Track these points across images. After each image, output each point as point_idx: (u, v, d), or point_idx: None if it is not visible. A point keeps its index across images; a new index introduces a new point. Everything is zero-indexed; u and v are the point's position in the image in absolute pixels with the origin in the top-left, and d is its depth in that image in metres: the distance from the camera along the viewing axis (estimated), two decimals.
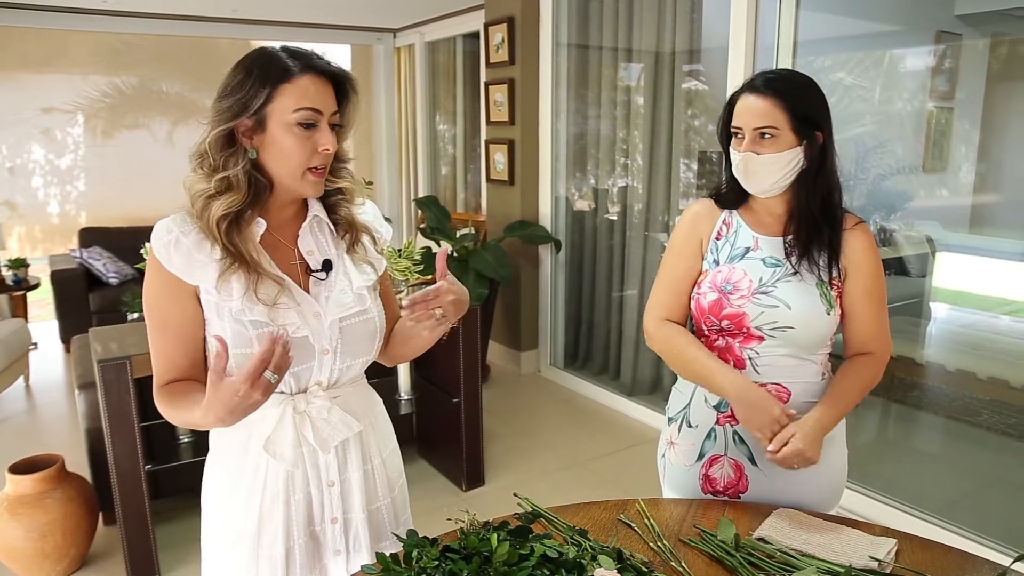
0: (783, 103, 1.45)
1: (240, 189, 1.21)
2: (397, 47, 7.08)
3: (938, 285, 3.54)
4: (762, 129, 1.45)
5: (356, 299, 1.32)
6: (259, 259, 1.24)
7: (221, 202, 1.20)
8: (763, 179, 1.49)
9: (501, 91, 4.73)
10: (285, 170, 1.22)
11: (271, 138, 1.20)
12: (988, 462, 3.31)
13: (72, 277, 5.37)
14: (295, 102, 1.18)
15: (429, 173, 6.99)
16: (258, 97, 1.18)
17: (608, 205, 4.55)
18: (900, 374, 3.42)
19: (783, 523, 1.42)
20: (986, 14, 3.34)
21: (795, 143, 1.46)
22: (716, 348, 1.56)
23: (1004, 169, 3.39)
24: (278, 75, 1.18)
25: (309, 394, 1.31)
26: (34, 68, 6.08)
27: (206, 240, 1.22)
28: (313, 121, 1.20)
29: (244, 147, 1.21)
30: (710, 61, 3.87)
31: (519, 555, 1.14)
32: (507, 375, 4.92)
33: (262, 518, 1.31)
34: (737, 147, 1.50)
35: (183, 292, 1.23)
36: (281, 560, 1.32)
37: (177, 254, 1.21)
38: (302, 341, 1.26)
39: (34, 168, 6.18)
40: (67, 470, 2.71)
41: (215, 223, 1.20)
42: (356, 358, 1.34)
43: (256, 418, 1.27)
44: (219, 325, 1.24)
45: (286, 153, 1.20)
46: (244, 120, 1.19)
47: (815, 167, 1.49)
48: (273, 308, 1.23)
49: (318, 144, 1.21)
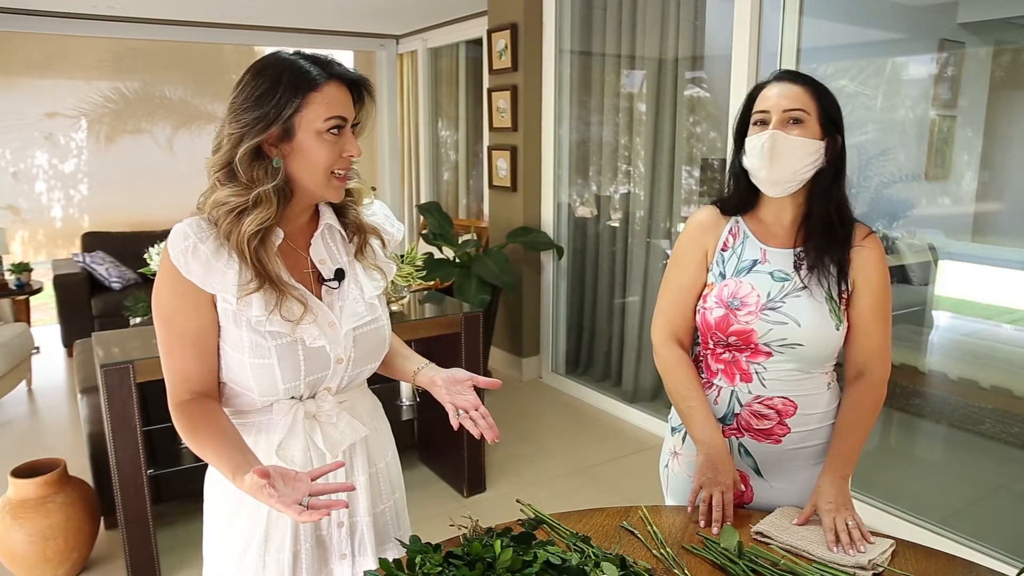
0: (815, 93, 1.44)
1: (271, 203, 1.19)
2: (400, 53, 7.10)
3: (940, 293, 3.53)
4: (793, 112, 1.43)
5: (368, 308, 1.33)
6: (285, 280, 1.23)
7: (253, 218, 1.18)
8: (787, 163, 1.44)
9: (504, 97, 4.74)
10: (312, 177, 1.22)
11: (299, 146, 1.19)
12: (991, 471, 3.30)
13: (75, 282, 5.38)
14: (326, 111, 1.18)
15: (431, 179, 7.00)
16: (288, 107, 1.16)
17: (610, 212, 4.55)
18: (902, 382, 3.41)
19: (783, 520, 1.43)
20: (989, 23, 3.34)
21: (820, 136, 1.44)
22: (723, 361, 1.56)
23: (1007, 177, 3.39)
24: (307, 85, 1.17)
25: (318, 399, 1.31)
26: (38, 73, 6.10)
27: (224, 247, 1.20)
28: (341, 127, 1.21)
29: (270, 156, 1.20)
30: (713, 68, 3.88)
31: (522, 561, 1.14)
32: (509, 381, 4.92)
33: (270, 523, 1.31)
34: (761, 131, 1.45)
35: (200, 300, 1.21)
36: (288, 565, 1.32)
37: (195, 261, 1.19)
38: (319, 351, 1.26)
39: (37, 173, 6.20)
40: (69, 474, 2.71)
41: (246, 241, 1.18)
42: (366, 364, 1.36)
43: (265, 422, 1.27)
44: (236, 334, 1.23)
45: (315, 160, 1.20)
46: (273, 131, 1.18)
47: (831, 171, 1.47)
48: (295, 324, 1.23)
49: (344, 150, 1.22)
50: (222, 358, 1.26)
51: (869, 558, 1.29)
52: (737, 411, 1.55)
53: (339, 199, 1.28)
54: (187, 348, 1.23)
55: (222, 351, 1.26)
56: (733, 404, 1.55)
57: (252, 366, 1.22)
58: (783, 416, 1.52)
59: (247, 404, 1.29)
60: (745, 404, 1.54)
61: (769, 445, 1.54)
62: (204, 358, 1.24)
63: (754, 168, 1.48)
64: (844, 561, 1.29)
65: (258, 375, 1.24)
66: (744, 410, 1.54)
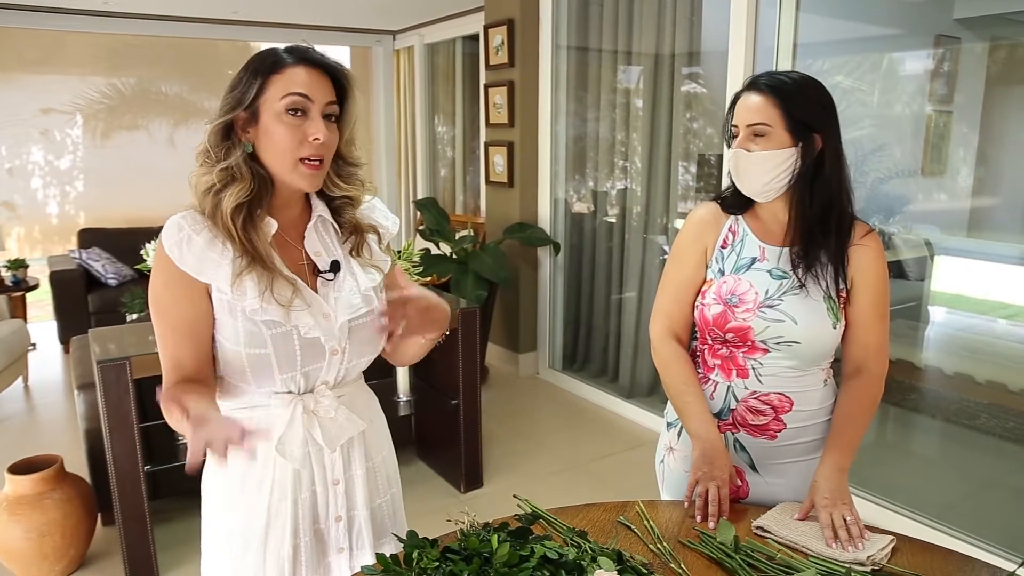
0: (778, 101, 1.43)
1: (244, 178, 1.20)
2: (396, 49, 7.09)
3: (936, 289, 3.54)
4: (755, 126, 1.44)
5: (364, 300, 1.33)
6: (274, 260, 1.24)
7: (229, 194, 1.20)
8: (754, 178, 1.46)
9: (500, 93, 4.73)
10: (278, 161, 1.21)
11: (263, 129, 1.20)
12: (986, 465, 3.31)
13: (71, 278, 5.37)
14: (283, 89, 1.18)
15: (428, 175, 6.99)
16: (252, 89, 1.19)
17: (607, 207, 4.56)
18: (898, 377, 3.42)
19: (784, 516, 1.43)
20: (985, 18, 3.34)
21: (789, 143, 1.43)
22: (719, 357, 1.56)
23: (1002, 173, 3.40)
24: (270, 67, 1.19)
25: (316, 393, 1.31)
26: (33, 69, 6.08)
27: (218, 238, 1.21)
28: (302, 108, 1.19)
29: (241, 140, 1.22)
30: (709, 64, 3.88)
31: (519, 556, 1.14)
32: (506, 377, 4.92)
33: (270, 517, 1.31)
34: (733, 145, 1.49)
35: (194, 290, 1.22)
36: (288, 558, 1.32)
37: (189, 252, 1.20)
38: (313, 342, 1.26)
39: (33, 169, 6.18)
40: (66, 470, 2.71)
41: (229, 217, 1.20)
42: (362, 357, 1.35)
43: (265, 418, 1.27)
44: (231, 324, 1.23)
45: (276, 142, 1.20)
46: (240, 113, 1.20)
47: (812, 172, 1.45)
48: (288, 309, 1.23)
49: (308, 133, 1.19)
50: (219, 352, 1.27)
51: (868, 554, 1.29)
52: (733, 406, 1.55)
53: (311, 188, 1.26)
54: (180, 338, 1.24)
55: (219, 345, 1.26)
56: (729, 399, 1.56)
57: (248, 356, 1.23)
58: (779, 412, 1.53)
59: (245, 399, 1.30)
60: (741, 400, 1.54)
61: (765, 441, 1.55)
62: (197, 348, 1.25)
63: (733, 179, 1.52)
64: (842, 557, 1.29)
65: (255, 366, 1.24)
66: (740, 406, 1.54)
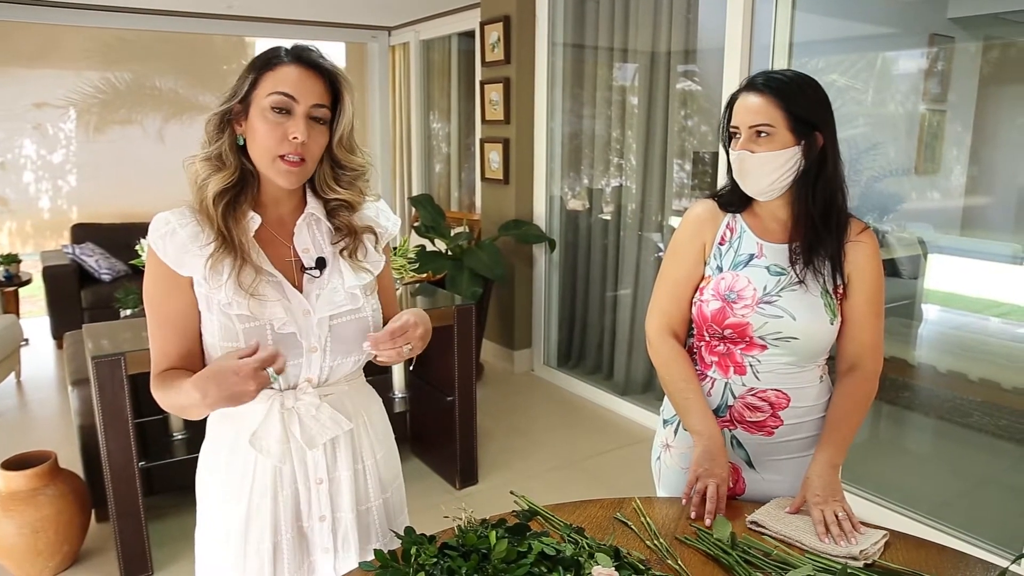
0: (779, 101, 1.43)
1: (229, 167, 1.24)
2: (392, 45, 7.07)
3: (930, 287, 3.56)
4: (758, 127, 1.44)
5: (348, 298, 1.32)
6: (248, 248, 1.26)
7: (214, 180, 1.23)
8: (759, 179, 1.47)
9: (496, 90, 4.73)
10: (259, 156, 1.24)
11: (250, 123, 1.23)
12: (979, 463, 3.33)
13: (64, 273, 5.34)
14: (271, 87, 1.21)
15: (423, 171, 6.98)
16: (246, 83, 1.22)
17: (602, 205, 4.56)
18: (892, 375, 3.43)
19: (779, 511, 1.44)
20: (979, 17, 3.36)
21: (792, 143, 1.44)
22: (717, 353, 1.56)
23: (995, 172, 3.41)
24: (264, 63, 1.23)
25: (298, 391, 1.31)
26: (26, 63, 6.04)
27: (202, 232, 1.24)
28: (286, 107, 1.21)
29: (234, 131, 1.25)
30: (705, 62, 3.88)
31: (517, 552, 1.14)
32: (501, 374, 4.93)
33: (250, 513, 1.31)
34: (735, 147, 1.49)
35: (177, 283, 1.25)
36: (269, 556, 1.32)
37: (171, 244, 1.23)
38: (289, 337, 1.27)
39: (25, 163, 6.15)
40: (60, 466, 2.70)
41: (211, 200, 1.23)
42: (347, 356, 1.34)
43: (245, 412, 1.27)
44: (208, 318, 1.26)
45: (260, 139, 1.22)
46: (235, 105, 1.23)
47: (815, 169, 1.46)
48: (257, 302, 1.24)
49: (288, 132, 1.21)
50: (205, 346, 1.29)
51: (861, 548, 1.30)
52: (730, 403, 1.56)
53: (289, 185, 1.27)
54: (166, 330, 1.27)
55: (204, 339, 1.29)
56: (727, 396, 1.56)
57: (223, 350, 1.24)
58: (776, 408, 1.53)
59: None
60: (739, 396, 1.55)
61: (761, 437, 1.56)
62: (181, 340, 1.27)
63: (736, 180, 1.52)
64: (835, 551, 1.30)
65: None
66: (737, 402, 1.55)
